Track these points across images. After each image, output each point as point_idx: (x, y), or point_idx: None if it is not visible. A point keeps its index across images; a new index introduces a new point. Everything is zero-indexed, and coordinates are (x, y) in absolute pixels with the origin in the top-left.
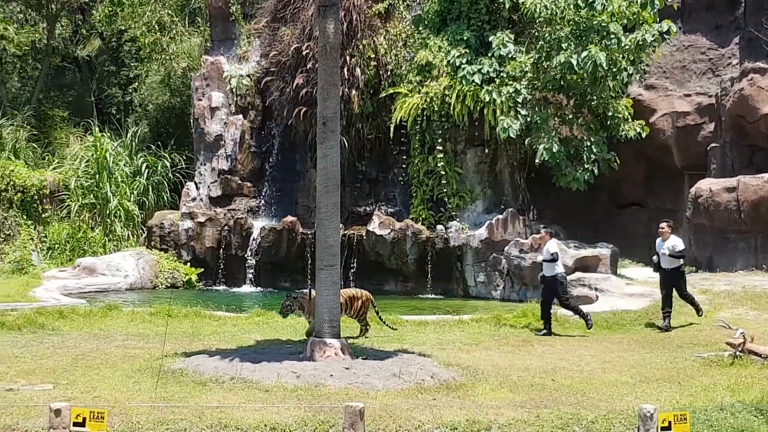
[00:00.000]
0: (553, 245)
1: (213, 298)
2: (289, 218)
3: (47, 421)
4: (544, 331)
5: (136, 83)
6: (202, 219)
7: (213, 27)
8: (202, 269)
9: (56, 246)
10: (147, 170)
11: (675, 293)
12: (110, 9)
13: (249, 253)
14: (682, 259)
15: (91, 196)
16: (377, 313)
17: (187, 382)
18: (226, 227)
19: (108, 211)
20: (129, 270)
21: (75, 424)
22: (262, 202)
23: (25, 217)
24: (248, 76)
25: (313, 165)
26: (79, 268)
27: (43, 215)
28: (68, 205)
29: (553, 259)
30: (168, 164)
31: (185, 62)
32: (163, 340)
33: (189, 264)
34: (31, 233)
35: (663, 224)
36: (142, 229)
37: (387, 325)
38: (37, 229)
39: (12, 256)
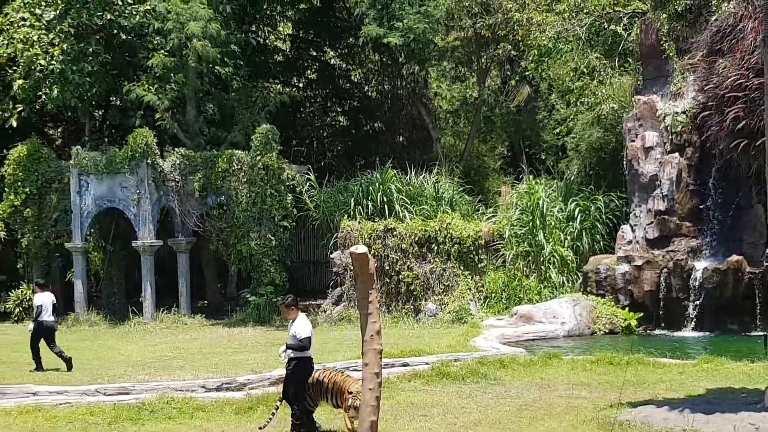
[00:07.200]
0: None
1: (654, 344)
2: (734, 257)
3: None
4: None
5: (564, 126)
6: (639, 262)
7: (644, 66)
8: (641, 314)
9: (493, 295)
10: (580, 214)
11: None
12: (538, 57)
13: (691, 295)
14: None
15: (525, 243)
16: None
17: None
18: (665, 269)
19: (542, 258)
20: (566, 317)
21: None
22: (703, 241)
23: (462, 267)
24: (683, 112)
25: (759, 200)
26: (516, 316)
27: (479, 265)
28: (503, 254)
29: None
30: (601, 207)
31: (615, 103)
32: (607, 389)
33: (627, 309)
34: (469, 283)
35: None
36: (577, 275)
37: None
38: (474, 278)
39: (451, 306)
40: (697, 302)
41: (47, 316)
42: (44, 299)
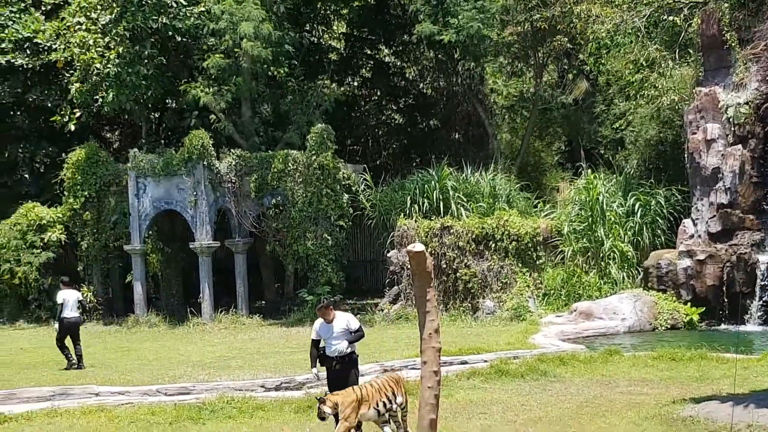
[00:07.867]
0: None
1: (717, 339)
2: None
3: None
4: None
5: (623, 120)
6: (701, 256)
7: (705, 57)
8: (704, 308)
9: (551, 292)
10: (640, 209)
11: None
12: (596, 50)
13: (755, 289)
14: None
15: (585, 239)
16: None
17: (700, 431)
18: (728, 264)
19: (602, 254)
20: (626, 312)
21: None
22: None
23: (520, 264)
24: (746, 103)
25: None
26: (575, 312)
27: (538, 262)
28: (562, 251)
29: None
30: (662, 201)
31: (676, 96)
32: (669, 385)
33: (689, 304)
34: (527, 280)
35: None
36: (638, 270)
37: None
38: (532, 275)
39: (510, 304)
40: (762, 296)
41: (69, 312)
42: (66, 296)
